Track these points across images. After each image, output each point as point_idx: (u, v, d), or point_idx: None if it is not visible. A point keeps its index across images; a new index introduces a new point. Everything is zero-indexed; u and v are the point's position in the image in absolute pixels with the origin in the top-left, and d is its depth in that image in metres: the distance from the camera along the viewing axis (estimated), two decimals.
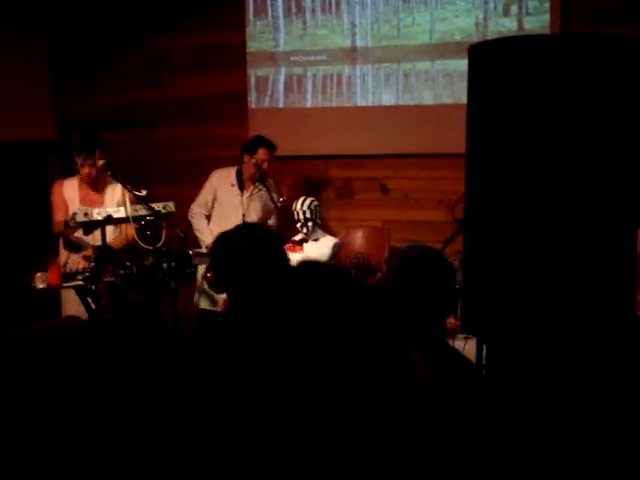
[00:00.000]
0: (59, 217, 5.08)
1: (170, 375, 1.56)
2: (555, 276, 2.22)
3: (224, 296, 5.48)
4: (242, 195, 5.72)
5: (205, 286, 5.66)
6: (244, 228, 3.53)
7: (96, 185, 5.19)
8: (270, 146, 5.68)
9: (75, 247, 5.10)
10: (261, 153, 5.65)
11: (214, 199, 5.79)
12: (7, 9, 6.70)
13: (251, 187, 5.75)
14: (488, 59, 2.37)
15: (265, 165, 5.65)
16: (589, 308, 2.23)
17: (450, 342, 4.58)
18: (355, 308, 1.17)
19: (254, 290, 1.19)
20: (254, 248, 2.81)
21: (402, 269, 2.38)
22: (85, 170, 5.09)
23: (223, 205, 5.75)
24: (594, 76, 2.22)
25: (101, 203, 5.16)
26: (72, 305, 4.97)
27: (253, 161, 5.63)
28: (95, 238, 4.87)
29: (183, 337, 4.90)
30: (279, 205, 5.64)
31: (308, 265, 1.25)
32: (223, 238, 3.13)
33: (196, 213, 5.80)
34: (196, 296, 5.70)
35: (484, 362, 3.12)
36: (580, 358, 2.31)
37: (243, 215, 5.62)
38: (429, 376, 1.70)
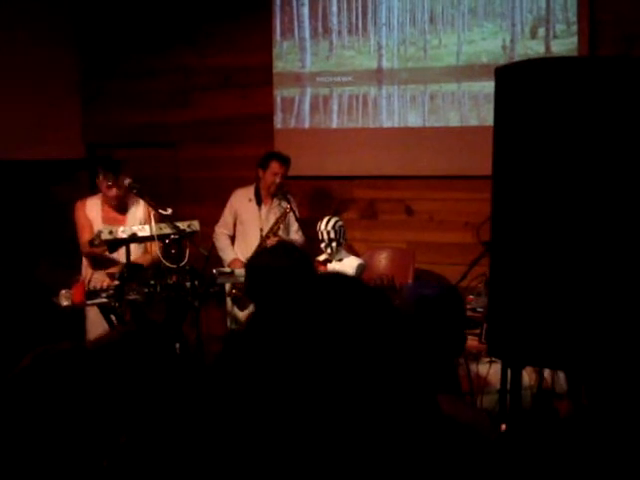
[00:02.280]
0: (85, 237, 5.10)
1: (189, 396, 1.55)
2: (584, 300, 2.19)
3: (246, 313, 5.50)
4: (260, 210, 5.76)
5: (229, 305, 5.68)
6: (283, 246, 3.56)
7: (119, 205, 5.22)
8: (282, 159, 5.73)
9: (104, 264, 5.11)
10: (274, 166, 5.70)
11: (235, 218, 5.86)
12: (38, 28, 6.78)
13: (269, 202, 5.79)
14: (515, 81, 2.35)
15: (279, 178, 5.67)
16: (622, 335, 2.20)
17: (474, 366, 4.55)
18: (385, 328, 1.15)
19: (284, 304, 1.18)
20: (292, 267, 2.83)
21: (417, 307, 2.37)
22: (113, 192, 5.12)
23: (243, 222, 5.83)
24: (622, 99, 2.19)
25: (124, 221, 5.18)
26: (96, 323, 4.98)
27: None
28: (120, 256, 4.89)
29: (205, 357, 4.90)
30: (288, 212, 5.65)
31: (339, 280, 1.23)
32: (262, 254, 3.17)
33: (218, 234, 5.90)
34: (228, 320, 5.74)
35: (508, 387, 3.08)
36: (615, 384, 2.28)
37: (261, 229, 5.66)
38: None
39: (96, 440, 1.44)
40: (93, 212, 5.24)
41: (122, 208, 5.26)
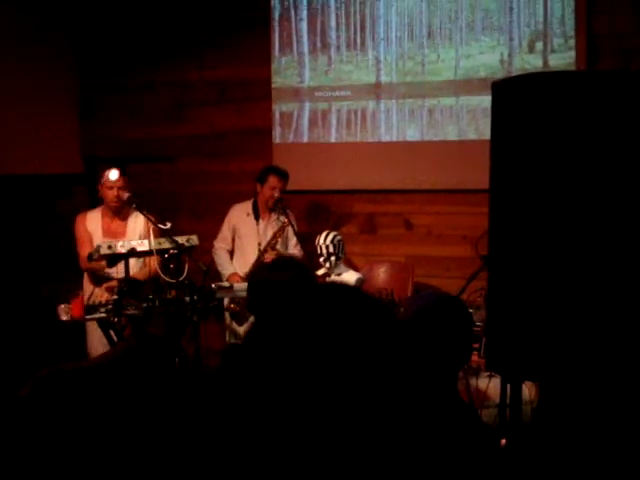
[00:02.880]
0: (85, 252, 5.09)
1: (190, 410, 1.54)
2: (582, 313, 2.19)
3: (245, 327, 5.50)
4: (258, 224, 5.77)
5: (227, 320, 5.68)
6: (283, 261, 3.56)
7: (120, 214, 5.21)
8: (280, 173, 5.74)
9: (101, 280, 5.11)
10: (272, 180, 5.71)
11: (234, 233, 5.87)
12: (36, 42, 6.80)
13: (267, 216, 5.79)
14: (512, 95, 2.36)
15: (277, 192, 5.67)
16: (621, 346, 2.19)
17: (473, 380, 4.54)
18: (387, 338, 1.15)
19: (284, 317, 1.17)
20: (293, 281, 2.83)
21: (419, 316, 2.36)
22: (113, 192, 5.09)
23: (241, 236, 5.84)
24: (619, 114, 2.20)
25: (124, 234, 5.18)
26: (96, 337, 4.97)
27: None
28: (119, 271, 4.88)
29: (204, 372, 4.89)
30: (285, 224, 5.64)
31: (339, 290, 1.23)
32: (264, 269, 3.17)
33: (217, 249, 5.92)
34: (227, 335, 5.73)
35: (508, 401, 3.08)
36: (612, 397, 2.27)
37: (259, 244, 5.66)
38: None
39: (100, 458, 1.43)
40: (93, 225, 5.23)
41: (123, 218, 5.25)
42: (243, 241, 5.85)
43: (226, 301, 5.53)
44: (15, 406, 1.46)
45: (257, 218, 5.81)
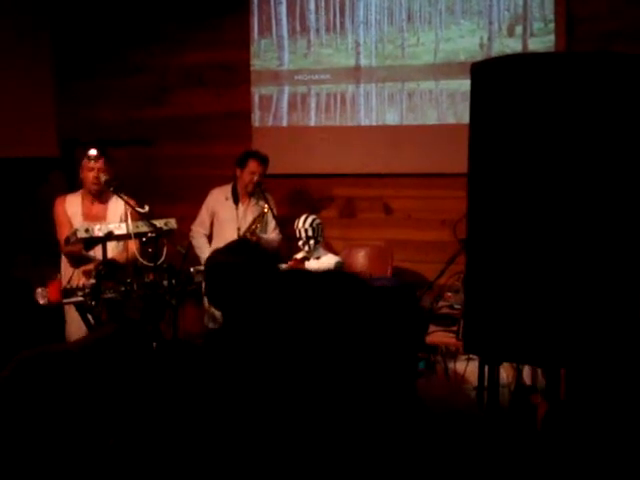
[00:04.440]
0: (64, 235, 5.04)
1: (173, 388, 1.53)
2: (558, 295, 2.20)
3: None
4: (237, 209, 5.74)
5: (206, 304, 5.66)
6: (237, 244, 3.51)
7: (100, 197, 5.16)
8: (260, 158, 5.72)
9: (84, 262, 5.06)
10: (251, 165, 5.69)
11: (213, 217, 5.86)
12: (12, 25, 6.72)
13: (246, 201, 5.78)
14: (491, 77, 2.35)
15: (256, 177, 5.66)
16: (594, 327, 2.20)
17: (452, 364, 4.56)
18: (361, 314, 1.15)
19: (246, 304, 1.16)
20: (244, 263, 2.78)
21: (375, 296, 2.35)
22: (93, 174, 5.04)
23: (220, 220, 5.83)
24: (597, 95, 2.20)
25: (104, 217, 5.13)
26: (74, 321, 4.94)
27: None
28: (97, 254, 4.84)
29: (186, 348, 4.86)
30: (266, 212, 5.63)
31: (301, 275, 1.22)
32: (216, 254, 3.11)
33: (195, 232, 5.91)
34: (205, 318, 5.71)
35: (486, 383, 3.09)
36: (587, 375, 2.28)
37: (238, 229, 5.64)
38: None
39: (85, 443, 1.42)
40: (73, 208, 5.17)
41: (104, 200, 5.19)
42: (222, 225, 5.83)
43: (204, 285, 5.51)
44: None
45: (236, 202, 5.79)
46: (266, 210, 5.61)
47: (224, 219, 5.81)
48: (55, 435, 1.40)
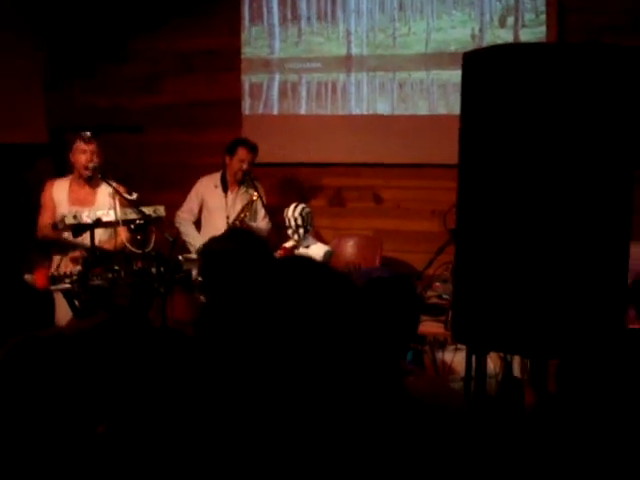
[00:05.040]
0: (44, 220, 5.01)
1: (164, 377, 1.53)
2: (546, 286, 2.20)
3: None
4: (226, 197, 5.73)
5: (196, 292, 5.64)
6: (232, 232, 3.52)
7: (90, 181, 5.13)
8: (250, 146, 5.71)
9: (63, 249, 5.03)
10: (241, 153, 5.68)
11: (202, 205, 5.84)
12: (3, 13, 6.67)
13: (235, 189, 5.77)
14: (482, 67, 2.34)
15: (245, 165, 5.65)
16: (581, 319, 2.21)
17: (440, 354, 4.57)
18: (344, 309, 1.14)
19: (237, 291, 1.16)
20: (240, 250, 2.79)
21: (366, 290, 2.35)
22: (86, 156, 5.01)
23: (209, 208, 5.81)
24: (588, 86, 2.19)
25: (92, 202, 5.10)
26: (63, 308, 4.92)
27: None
28: (83, 239, 4.82)
29: (175, 336, 4.85)
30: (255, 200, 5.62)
31: (298, 263, 1.21)
32: (211, 241, 3.13)
33: (182, 219, 5.89)
34: (195, 307, 5.69)
35: (473, 373, 3.09)
36: (572, 368, 2.29)
37: (227, 217, 5.63)
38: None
39: (77, 428, 1.42)
40: (60, 192, 5.15)
41: (93, 185, 5.15)
42: (211, 214, 5.82)
43: (195, 273, 5.49)
44: None
45: (225, 190, 5.78)
46: (255, 198, 5.60)
47: (213, 207, 5.80)
48: (48, 418, 1.39)
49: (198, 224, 5.96)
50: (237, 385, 1.10)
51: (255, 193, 5.60)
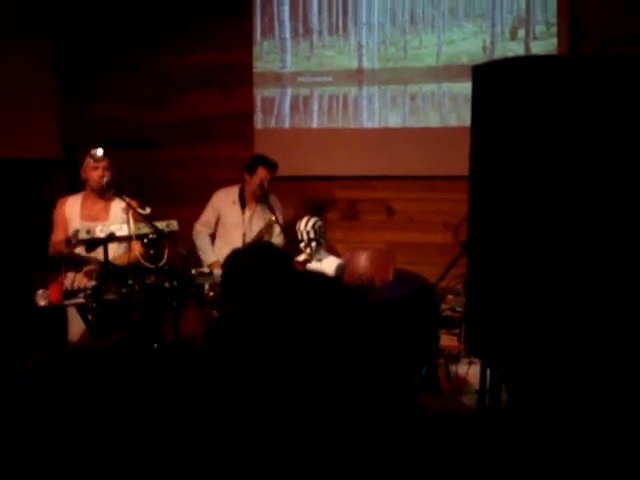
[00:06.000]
0: (56, 237, 5.02)
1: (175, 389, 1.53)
2: (561, 298, 2.19)
3: None
4: (244, 214, 5.73)
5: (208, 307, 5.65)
6: (255, 245, 3.56)
7: (103, 197, 5.15)
8: (270, 165, 5.70)
9: (77, 264, 5.05)
10: (260, 172, 5.67)
11: (218, 219, 5.84)
12: (16, 26, 6.72)
13: (253, 206, 5.76)
14: (493, 80, 2.35)
15: (266, 184, 5.65)
16: (598, 331, 2.20)
17: (453, 367, 4.55)
18: (357, 324, 1.14)
19: (257, 303, 1.16)
20: (261, 264, 2.82)
21: (391, 307, 2.35)
22: (98, 172, 5.03)
23: (226, 224, 5.80)
24: (601, 98, 2.19)
25: (106, 218, 5.12)
26: (77, 323, 4.93)
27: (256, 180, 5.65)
28: (99, 255, 4.84)
29: (187, 350, 4.86)
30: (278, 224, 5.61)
31: (315, 279, 1.22)
32: (234, 254, 3.16)
33: (199, 232, 5.89)
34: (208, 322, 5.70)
35: (487, 387, 3.07)
36: (590, 383, 2.27)
37: (244, 234, 5.62)
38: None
39: (96, 442, 1.42)
40: (72, 209, 5.16)
41: (105, 202, 5.17)
42: (227, 229, 5.81)
43: (207, 287, 5.50)
44: (13, 382, 1.45)
45: (243, 207, 5.76)
46: (273, 221, 5.59)
47: (230, 223, 5.78)
48: (68, 432, 1.40)
49: (213, 237, 5.97)
50: (248, 398, 1.10)
51: (274, 218, 5.59)
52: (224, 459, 1.15)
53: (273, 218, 5.58)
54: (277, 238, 5.81)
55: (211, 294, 5.45)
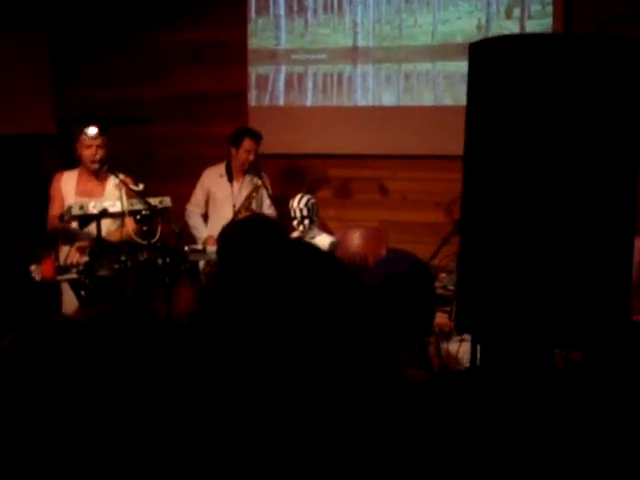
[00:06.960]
0: (53, 212, 5.03)
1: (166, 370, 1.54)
2: (550, 277, 2.20)
3: None
4: (232, 186, 5.75)
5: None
6: (251, 218, 3.55)
7: (98, 174, 5.14)
8: (255, 135, 5.73)
9: (70, 239, 5.05)
10: (246, 143, 5.71)
11: (208, 196, 5.87)
12: (9, 4, 6.67)
13: (241, 178, 5.79)
14: (489, 57, 2.34)
15: (252, 155, 5.67)
16: (585, 310, 2.21)
17: (444, 344, 4.57)
18: (347, 300, 1.15)
19: (249, 269, 1.17)
20: (259, 236, 2.82)
21: (387, 283, 2.36)
22: (91, 151, 5.02)
23: (217, 200, 5.85)
24: (596, 77, 2.19)
25: (101, 194, 5.11)
26: (70, 298, 4.93)
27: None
28: (91, 231, 4.84)
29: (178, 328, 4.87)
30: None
31: (308, 249, 1.22)
32: (230, 226, 3.15)
33: (191, 212, 5.94)
34: None
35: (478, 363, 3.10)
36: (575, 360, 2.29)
37: (234, 206, 5.64)
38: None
39: (88, 419, 1.42)
40: (68, 184, 5.16)
41: (102, 177, 5.15)
42: (218, 204, 5.84)
43: (202, 265, 5.51)
44: None
45: (231, 180, 5.80)
46: (259, 184, 5.62)
47: (219, 197, 5.82)
48: (58, 406, 1.39)
49: (205, 216, 5.99)
50: (234, 373, 1.11)
51: (259, 181, 5.62)
52: (213, 427, 1.15)
53: (260, 183, 5.60)
54: (268, 210, 5.83)
55: (207, 269, 5.47)
